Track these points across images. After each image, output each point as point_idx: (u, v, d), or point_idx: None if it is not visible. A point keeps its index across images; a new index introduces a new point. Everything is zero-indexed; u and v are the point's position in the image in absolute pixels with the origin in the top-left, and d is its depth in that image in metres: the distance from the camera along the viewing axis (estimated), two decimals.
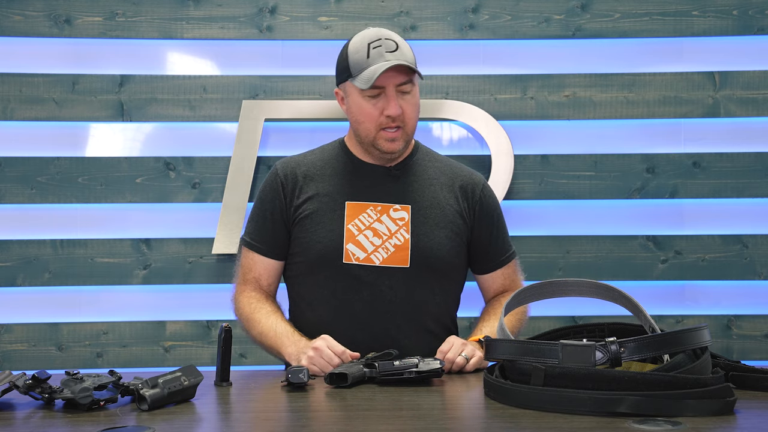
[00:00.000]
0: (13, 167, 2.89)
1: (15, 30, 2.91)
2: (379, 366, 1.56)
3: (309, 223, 1.83)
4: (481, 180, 1.96)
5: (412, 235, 1.81)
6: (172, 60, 2.99)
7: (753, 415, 1.28)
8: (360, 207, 1.83)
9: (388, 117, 1.77)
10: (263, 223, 1.88)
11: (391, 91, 1.76)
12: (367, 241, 1.80)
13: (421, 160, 1.93)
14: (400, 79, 1.76)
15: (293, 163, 1.91)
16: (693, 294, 2.94)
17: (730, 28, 2.93)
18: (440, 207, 1.86)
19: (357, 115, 1.81)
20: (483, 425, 1.32)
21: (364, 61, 1.75)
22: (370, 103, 1.78)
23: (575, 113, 2.94)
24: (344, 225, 1.81)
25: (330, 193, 1.85)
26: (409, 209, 1.84)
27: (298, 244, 1.85)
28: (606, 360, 1.31)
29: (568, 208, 2.94)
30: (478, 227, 1.91)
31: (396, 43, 1.76)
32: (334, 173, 1.88)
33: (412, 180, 1.88)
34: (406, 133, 1.82)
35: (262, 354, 2.88)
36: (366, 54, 1.74)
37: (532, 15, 2.94)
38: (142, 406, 1.36)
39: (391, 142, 1.80)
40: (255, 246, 1.89)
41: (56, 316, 2.90)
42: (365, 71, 1.74)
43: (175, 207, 2.93)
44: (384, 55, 1.73)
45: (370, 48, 1.75)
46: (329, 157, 1.91)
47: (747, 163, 2.91)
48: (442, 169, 1.93)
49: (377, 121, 1.78)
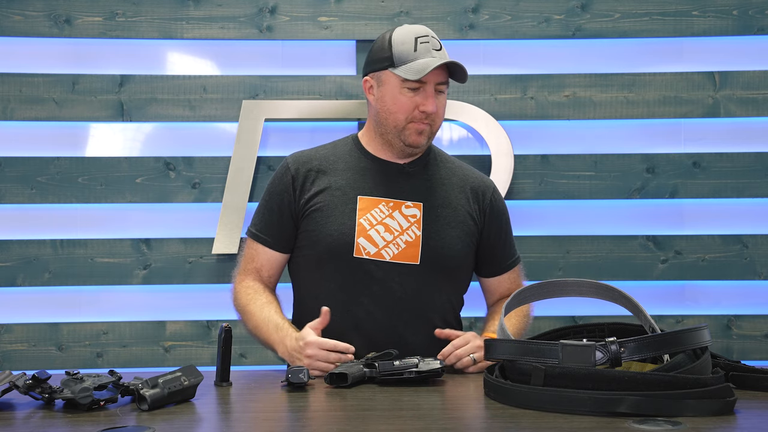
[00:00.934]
0: (13, 167, 2.89)
1: (15, 30, 2.91)
2: (379, 366, 1.56)
3: (320, 215, 1.83)
4: (492, 184, 1.98)
5: (423, 233, 1.82)
6: (172, 60, 2.99)
7: (753, 415, 1.28)
8: (372, 202, 1.83)
9: (423, 112, 1.79)
10: (270, 215, 1.88)
11: (431, 88, 1.79)
12: (379, 236, 1.80)
13: (434, 160, 1.94)
14: (441, 78, 1.80)
15: (305, 157, 1.92)
16: (693, 294, 2.94)
17: (730, 28, 2.93)
18: (452, 207, 1.87)
19: (390, 104, 1.82)
20: (483, 425, 1.32)
21: (411, 53, 1.77)
22: (407, 96, 1.79)
23: (575, 113, 2.94)
24: (356, 219, 1.81)
25: (342, 187, 1.85)
26: (421, 207, 1.84)
27: (306, 236, 1.85)
28: (606, 360, 1.31)
29: (568, 208, 2.94)
30: (488, 230, 1.92)
31: (440, 43, 1.82)
32: (346, 168, 1.88)
33: (425, 179, 1.89)
34: (433, 130, 1.84)
35: (262, 354, 2.91)
36: (413, 47, 1.77)
37: (532, 15, 2.94)
38: (142, 406, 1.36)
39: (419, 135, 1.82)
40: (260, 237, 1.88)
41: (56, 316, 2.90)
42: (413, 63, 1.76)
43: (175, 207, 2.93)
44: (431, 51, 1.78)
45: (417, 42, 1.78)
46: (342, 153, 1.92)
47: (747, 163, 2.91)
48: (454, 171, 1.94)
49: (410, 114, 1.80)
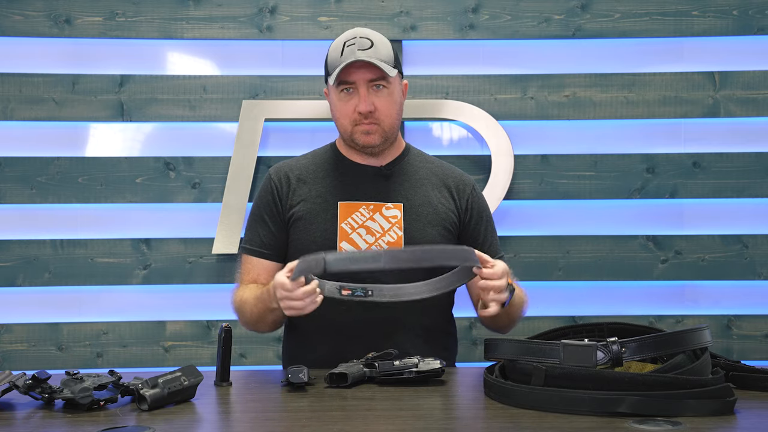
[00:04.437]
0: (13, 167, 2.89)
1: (15, 30, 2.90)
2: (379, 366, 1.56)
3: (303, 224, 1.85)
4: (472, 181, 1.99)
5: (405, 233, 1.83)
6: (172, 60, 2.99)
7: (753, 415, 1.28)
8: (352, 206, 1.85)
9: (360, 113, 1.80)
10: (260, 226, 1.90)
11: (362, 87, 1.79)
12: (361, 239, 1.82)
13: (412, 160, 1.95)
14: (370, 76, 1.78)
15: (286, 167, 1.94)
16: (693, 294, 2.94)
17: (730, 28, 2.93)
18: (432, 205, 1.88)
19: (335, 112, 1.85)
20: (483, 425, 1.32)
21: (337, 59, 1.78)
22: (344, 100, 1.82)
23: (575, 113, 2.94)
24: (337, 224, 1.83)
25: (322, 194, 1.87)
26: (401, 207, 1.85)
27: (293, 246, 1.87)
28: (607, 360, 1.31)
29: (568, 208, 2.94)
30: (470, 225, 1.93)
31: (371, 41, 1.79)
32: (326, 175, 1.90)
33: (404, 179, 1.90)
34: (383, 129, 1.83)
35: (262, 354, 2.91)
36: (340, 52, 1.78)
37: (532, 15, 2.94)
38: (142, 406, 1.36)
39: (367, 135, 1.82)
40: (254, 251, 1.90)
41: (56, 316, 2.90)
42: (336, 69, 1.77)
43: (175, 207, 2.93)
44: (355, 53, 1.77)
45: (344, 46, 1.79)
46: (321, 160, 1.94)
47: (747, 163, 2.91)
48: (433, 170, 1.95)
49: (351, 118, 1.82)
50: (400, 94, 1.87)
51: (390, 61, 1.81)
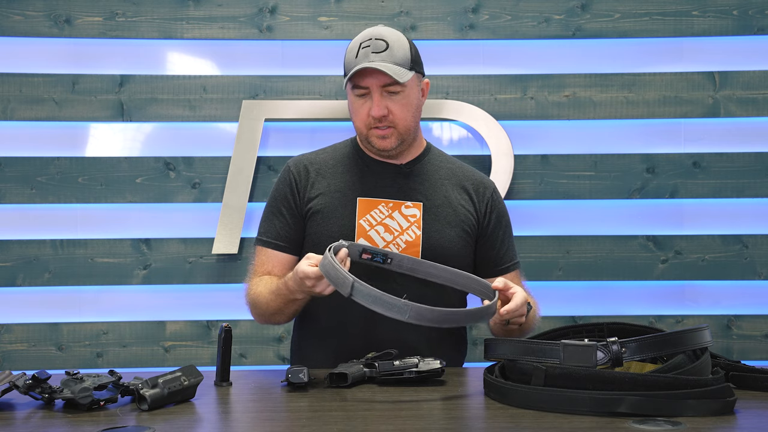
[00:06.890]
0: (13, 167, 2.89)
1: (15, 30, 2.91)
2: (379, 366, 1.56)
3: (320, 218, 1.84)
4: (492, 184, 1.97)
5: (423, 232, 1.82)
6: (172, 60, 2.99)
7: (753, 415, 1.28)
8: (371, 203, 1.83)
9: (374, 118, 1.78)
10: (277, 218, 1.88)
11: (376, 92, 1.77)
12: (379, 236, 1.81)
13: (433, 160, 1.94)
14: (383, 81, 1.76)
15: (305, 160, 1.93)
16: (693, 294, 2.94)
17: (730, 28, 2.93)
18: (451, 206, 1.87)
19: (351, 113, 1.84)
20: (483, 425, 1.32)
21: (353, 60, 1.77)
22: (359, 103, 1.80)
23: (575, 113, 2.94)
24: (356, 220, 1.82)
25: (341, 189, 1.86)
26: (420, 206, 1.84)
27: (309, 239, 1.85)
28: (607, 360, 1.31)
29: (568, 208, 2.94)
30: (488, 228, 1.91)
31: (387, 42, 1.76)
32: (345, 170, 1.89)
33: (424, 178, 1.89)
34: (399, 132, 1.82)
35: (262, 354, 2.91)
36: (356, 53, 1.76)
37: (532, 15, 2.94)
38: (142, 406, 1.36)
39: (382, 140, 1.81)
40: (269, 243, 1.88)
41: (56, 316, 2.90)
42: (350, 72, 1.76)
43: (175, 207, 2.93)
44: (369, 56, 1.75)
45: (360, 47, 1.76)
46: (341, 155, 1.92)
47: (747, 163, 2.91)
48: (453, 170, 1.94)
49: (365, 121, 1.81)
50: (418, 94, 1.85)
51: (406, 62, 1.78)
